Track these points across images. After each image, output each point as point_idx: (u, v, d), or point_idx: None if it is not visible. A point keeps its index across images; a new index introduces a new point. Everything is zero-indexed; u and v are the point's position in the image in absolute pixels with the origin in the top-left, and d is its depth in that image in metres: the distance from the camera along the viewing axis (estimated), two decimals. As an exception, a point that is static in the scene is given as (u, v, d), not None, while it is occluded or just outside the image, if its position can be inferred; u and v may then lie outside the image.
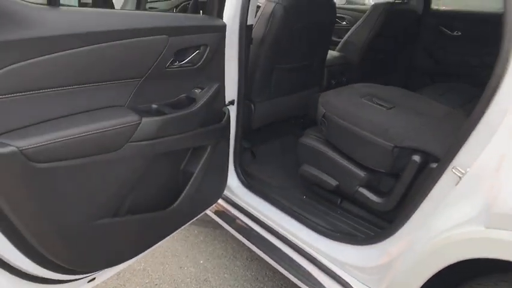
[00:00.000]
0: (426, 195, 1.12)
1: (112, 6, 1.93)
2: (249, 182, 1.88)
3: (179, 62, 1.22)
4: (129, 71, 1.08)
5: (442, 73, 3.08)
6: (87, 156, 0.99)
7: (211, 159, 1.45)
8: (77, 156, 0.97)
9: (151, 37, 1.08)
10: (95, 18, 0.98)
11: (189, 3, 3.47)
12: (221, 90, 1.45)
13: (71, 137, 0.94)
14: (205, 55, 1.28)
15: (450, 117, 1.58)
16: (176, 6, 3.67)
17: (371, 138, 1.46)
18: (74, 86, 0.96)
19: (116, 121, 1.03)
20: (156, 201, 1.33)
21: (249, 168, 2.04)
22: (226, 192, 1.88)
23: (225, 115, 1.50)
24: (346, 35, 2.86)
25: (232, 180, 1.87)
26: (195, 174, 1.39)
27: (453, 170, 1.02)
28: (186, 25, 1.20)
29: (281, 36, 1.95)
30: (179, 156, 1.38)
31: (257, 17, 1.92)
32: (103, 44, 0.97)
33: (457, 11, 3.07)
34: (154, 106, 1.20)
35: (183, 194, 1.38)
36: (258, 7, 1.86)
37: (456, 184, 1.02)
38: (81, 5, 2.19)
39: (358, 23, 2.80)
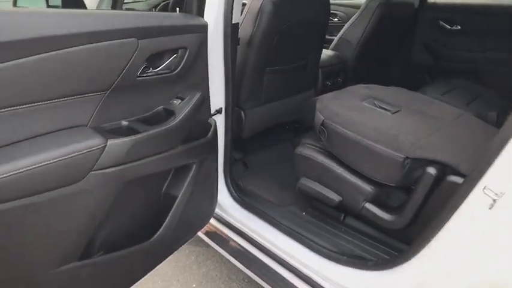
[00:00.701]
0: (452, 214, 0.95)
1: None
2: (242, 198, 1.70)
3: (153, 68, 1.04)
4: (90, 83, 0.89)
5: (441, 70, 2.94)
6: (40, 193, 0.80)
7: (197, 179, 1.27)
8: (26, 195, 0.78)
9: (116, 41, 0.89)
10: (44, 21, 0.79)
11: (168, 3, 3.29)
12: (205, 99, 1.27)
13: (17, 171, 0.75)
14: (184, 60, 1.10)
15: (462, 121, 1.42)
16: (155, 7, 3.46)
17: (378, 148, 1.29)
18: (19, 106, 0.77)
19: (75, 146, 0.85)
20: (136, 233, 1.14)
21: (242, 182, 1.86)
22: (217, 211, 1.70)
23: (212, 127, 1.32)
24: (340, 33, 2.70)
25: (224, 197, 1.69)
26: (179, 198, 1.22)
27: (485, 191, 0.85)
28: (159, 25, 1.02)
29: (271, 36, 1.78)
30: (159, 179, 1.20)
31: (243, 14, 1.75)
32: (54, 52, 0.78)
33: (456, 4, 2.92)
34: (124, 123, 1.01)
35: (166, 221, 1.20)
36: (244, 4, 1.69)
37: (490, 208, 0.85)
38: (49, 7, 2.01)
39: (353, 19, 2.65)
